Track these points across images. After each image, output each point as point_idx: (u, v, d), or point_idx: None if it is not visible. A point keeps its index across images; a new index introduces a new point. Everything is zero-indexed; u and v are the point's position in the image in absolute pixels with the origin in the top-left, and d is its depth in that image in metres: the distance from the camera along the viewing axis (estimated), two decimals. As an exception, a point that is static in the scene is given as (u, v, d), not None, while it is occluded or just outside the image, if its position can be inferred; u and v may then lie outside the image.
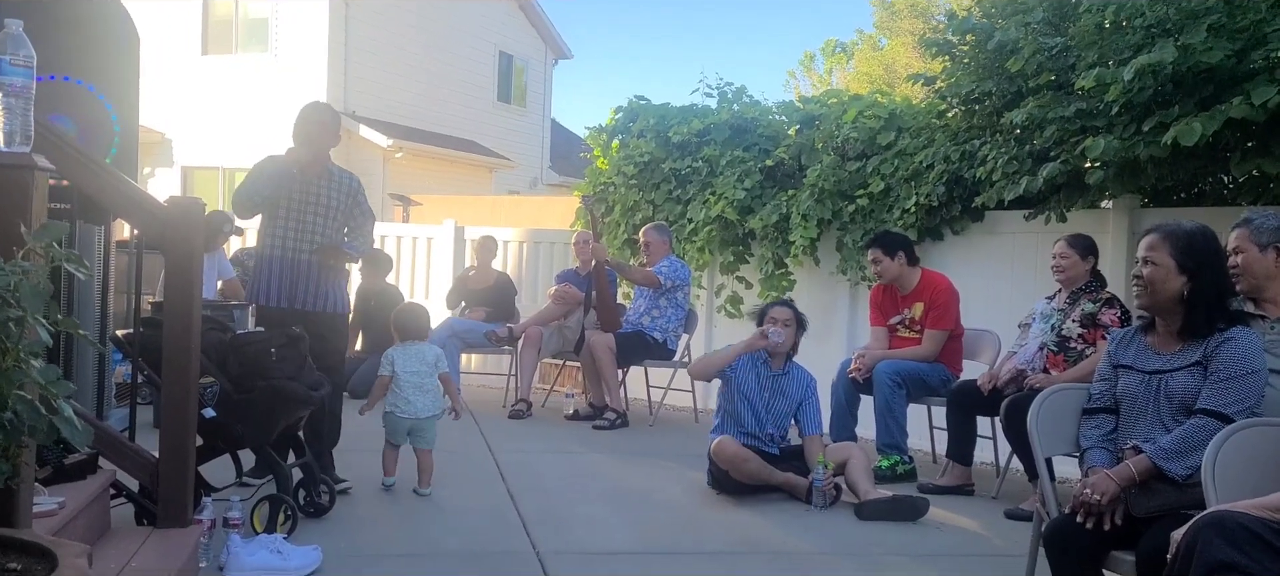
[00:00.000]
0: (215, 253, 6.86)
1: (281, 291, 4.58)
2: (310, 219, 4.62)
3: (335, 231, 4.71)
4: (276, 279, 4.59)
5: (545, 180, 21.45)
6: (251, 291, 4.71)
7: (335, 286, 4.74)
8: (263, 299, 4.61)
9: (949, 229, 6.44)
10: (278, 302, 4.58)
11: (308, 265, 4.60)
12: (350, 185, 4.78)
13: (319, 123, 4.66)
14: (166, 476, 3.33)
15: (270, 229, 4.63)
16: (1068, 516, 2.81)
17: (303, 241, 4.60)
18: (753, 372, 5.00)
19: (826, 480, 4.74)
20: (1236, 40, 4.55)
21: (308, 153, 4.61)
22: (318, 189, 4.65)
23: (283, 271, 4.59)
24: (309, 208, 4.62)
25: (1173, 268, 2.85)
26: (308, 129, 4.64)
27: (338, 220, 4.72)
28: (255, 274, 4.68)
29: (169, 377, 3.35)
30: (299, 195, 4.61)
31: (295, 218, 4.61)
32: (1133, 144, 4.75)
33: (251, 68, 16.41)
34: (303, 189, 4.61)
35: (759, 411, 4.96)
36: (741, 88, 8.20)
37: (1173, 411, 2.83)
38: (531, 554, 3.88)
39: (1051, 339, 4.81)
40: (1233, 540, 2.10)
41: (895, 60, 25.07)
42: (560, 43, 22.08)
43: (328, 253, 4.62)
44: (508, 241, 9.36)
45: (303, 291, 4.60)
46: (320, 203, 4.65)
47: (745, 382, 4.98)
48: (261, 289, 4.62)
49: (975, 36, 5.98)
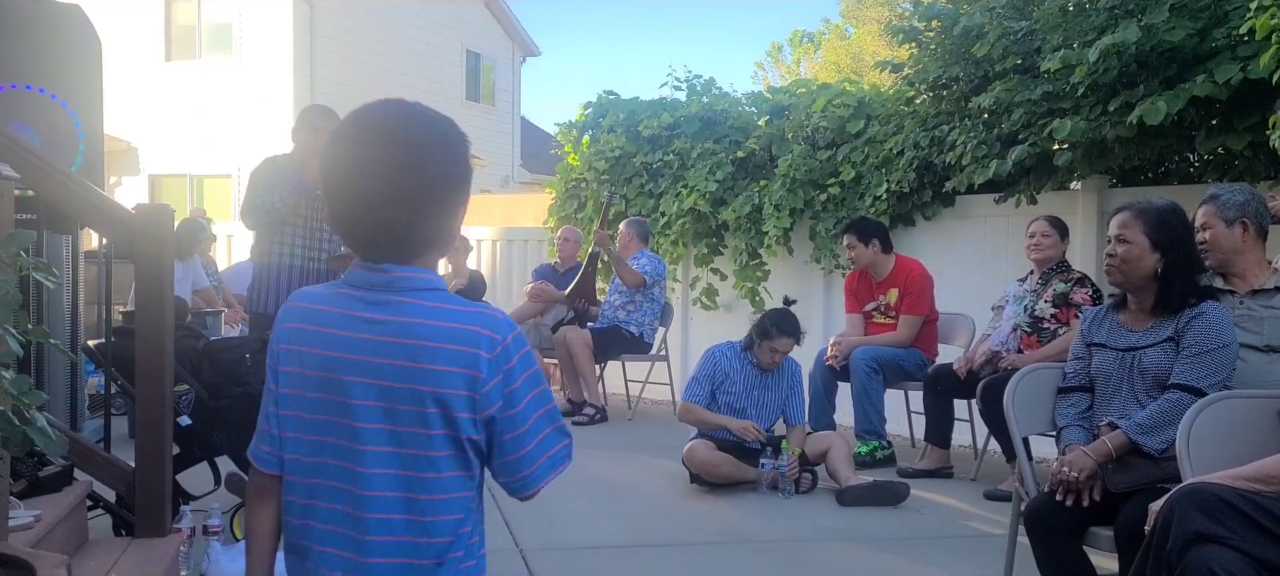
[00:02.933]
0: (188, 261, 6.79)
1: None
2: (319, 225, 4.54)
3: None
4: (288, 289, 4.50)
5: (516, 178, 21.39)
6: (256, 300, 4.58)
7: None
8: (272, 309, 4.48)
9: (921, 214, 6.48)
10: None
11: (319, 273, 4.55)
12: None
13: (324, 133, 4.51)
14: (143, 485, 3.30)
15: (279, 238, 4.54)
16: (1047, 494, 2.84)
17: (313, 250, 4.54)
18: (741, 374, 4.99)
19: (790, 466, 4.74)
20: (1198, 19, 4.61)
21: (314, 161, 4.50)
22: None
23: (294, 281, 4.51)
24: (316, 215, 4.53)
25: (1146, 245, 2.88)
26: (314, 140, 4.48)
27: None
28: (262, 283, 4.57)
29: (143, 386, 3.31)
30: (308, 204, 4.53)
31: (304, 226, 4.53)
32: (1099, 124, 4.80)
33: (216, 73, 16.24)
34: (310, 198, 4.53)
35: (747, 411, 4.95)
36: (710, 80, 8.21)
37: (1147, 387, 2.86)
38: (515, 550, 3.88)
39: (1024, 320, 4.86)
40: (1208, 511, 2.13)
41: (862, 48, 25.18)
42: (527, 40, 22.02)
43: (342, 261, 4.55)
44: (481, 240, 9.32)
45: None
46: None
47: (732, 386, 4.98)
48: (269, 298, 4.52)
49: (941, 22, 6.03)
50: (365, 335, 1.45)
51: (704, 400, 4.95)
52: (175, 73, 16.49)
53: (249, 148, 13.74)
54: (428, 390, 1.42)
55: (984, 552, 3.87)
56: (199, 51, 16.64)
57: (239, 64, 16.24)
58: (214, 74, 16.24)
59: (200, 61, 16.52)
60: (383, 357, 1.44)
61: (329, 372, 1.47)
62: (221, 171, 16.02)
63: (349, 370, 1.45)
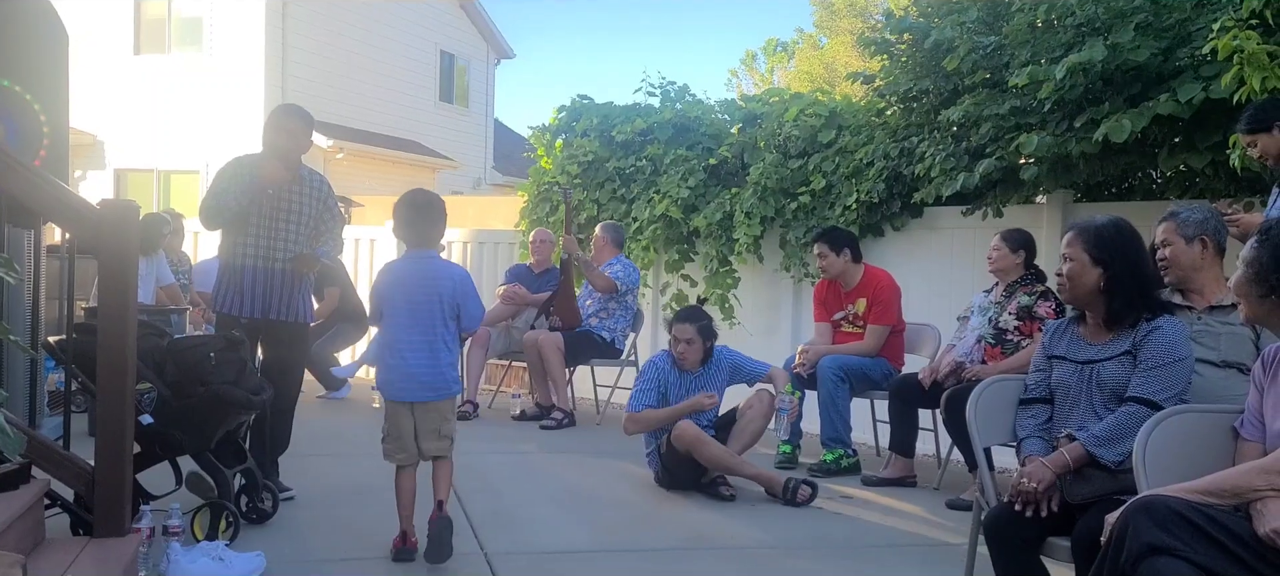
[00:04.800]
0: (152, 257, 6.71)
1: (255, 302, 4.47)
2: (283, 226, 4.50)
3: (308, 239, 4.60)
4: (248, 289, 4.47)
5: (489, 180, 21.32)
6: (220, 301, 4.54)
7: (304, 295, 4.66)
8: (233, 309, 4.46)
9: (889, 225, 6.53)
10: (251, 313, 4.46)
11: (282, 275, 4.51)
12: (321, 189, 4.67)
13: (289, 131, 4.50)
14: (102, 484, 3.26)
15: (241, 238, 4.49)
16: (1006, 504, 2.88)
17: (276, 250, 4.49)
18: (678, 378, 5.06)
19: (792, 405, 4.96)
20: (1163, 39, 4.68)
21: (280, 168, 4.46)
22: (290, 197, 4.52)
23: (256, 281, 4.47)
24: (281, 216, 4.50)
25: (1087, 261, 2.96)
26: (276, 137, 4.49)
27: (311, 227, 4.61)
28: (224, 283, 4.52)
29: (104, 384, 3.28)
30: (270, 204, 4.48)
31: (268, 227, 4.48)
32: (1065, 140, 4.87)
33: (186, 68, 16.07)
34: (274, 197, 4.48)
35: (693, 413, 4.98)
36: (684, 87, 8.25)
37: (1105, 400, 2.91)
38: (479, 555, 3.87)
39: (988, 331, 4.91)
40: (1162, 523, 2.17)
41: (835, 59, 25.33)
42: (502, 42, 21.96)
43: (304, 262, 4.54)
44: (452, 242, 9.29)
45: (277, 301, 4.50)
46: (294, 210, 4.53)
47: (675, 390, 5.04)
48: (231, 299, 4.48)
49: (912, 35, 6.09)
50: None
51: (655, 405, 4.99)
52: (144, 67, 16.29)
53: (218, 144, 13.61)
54: (438, 294, 3.77)
55: (944, 561, 3.91)
56: (168, 45, 16.45)
57: (209, 59, 16.08)
58: (183, 69, 16.07)
59: (170, 56, 16.34)
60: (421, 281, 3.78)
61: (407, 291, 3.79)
62: (190, 167, 15.85)
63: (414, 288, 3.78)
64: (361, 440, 6.28)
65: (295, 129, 4.54)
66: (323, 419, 6.95)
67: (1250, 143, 3.88)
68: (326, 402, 7.68)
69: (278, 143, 4.50)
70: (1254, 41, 3.91)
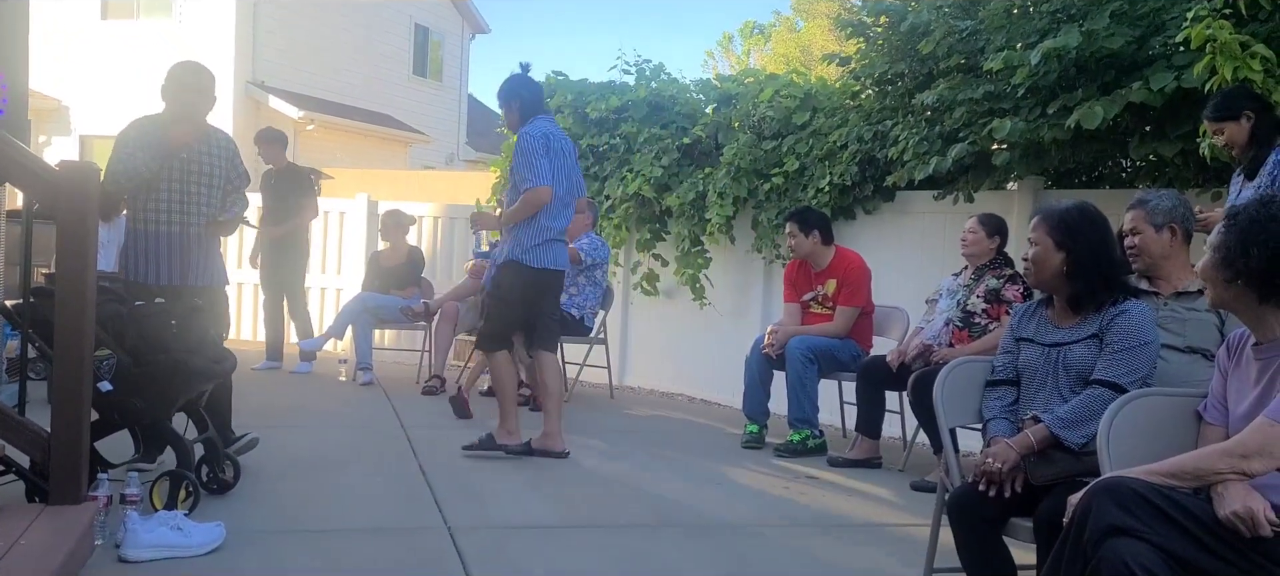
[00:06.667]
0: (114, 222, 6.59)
1: (172, 269, 4.39)
2: (195, 189, 4.43)
3: (219, 200, 4.54)
4: (165, 256, 4.38)
5: (462, 156, 21.18)
6: (134, 269, 4.41)
7: (218, 258, 4.61)
8: (150, 278, 4.36)
9: (862, 207, 6.54)
10: (169, 280, 4.37)
11: (197, 239, 4.43)
12: (227, 147, 4.59)
13: (197, 90, 4.42)
14: (59, 451, 3.21)
15: (153, 203, 4.38)
16: (970, 485, 2.88)
17: (190, 215, 4.41)
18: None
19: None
20: (1137, 27, 4.70)
21: (190, 129, 4.37)
22: (200, 159, 4.44)
23: (171, 248, 4.39)
24: (192, 179, 4.42)
25: (1051, 245, 2.97)
26: (185, 97, 4.39)
27: (222, 188, 4.54)
28: (136, 251, 4.40)
29: (62, 350, 3.22)
30: (180, 167, 4.39)
31: (179, 191, 4.40)
32: (1037, 126, 4.88)
33: (154, 34, 15.80)
34: (183, 161, 4.39)
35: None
36: (659, 65, 8.20)
37: (1071, 382, 2.92)
38: (443, 529, 3.84)
39: (957, 314, 4.93)
40: (1124, 504, 2.17)
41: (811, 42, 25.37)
42: (477, 16, 21.78)
43: (220, 227, 4.47)
44: (423, 216, 9.22)
45: (194, 267, 4.43)
46: (205, 172, 4.45)
47: None
48: (147, 267, 4.38)
49: (889, 18, 6.08)
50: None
51: None
52: (111, 32, 16.03)
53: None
54: None
55: (908, 542, 3.92)
56: (137, 11, 16.18)
57: (178, 26, 15.82)
58: (152, 35, 15.79)
59: (138, 21, 16.07)
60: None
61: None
62: (157, 135, 15.60)
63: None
64: (324, 413, 6.24)
65: (202, 86, 4.46)
66: (286, 391, 6.88)
67: (1217, 130, 3.91)
68: (291, 376, 7.60)
69: (186, 101, 4.40)
70: (1226, 31, 3.93)
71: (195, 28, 15.70)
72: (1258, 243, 2.30)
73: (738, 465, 5.22)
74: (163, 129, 4.37)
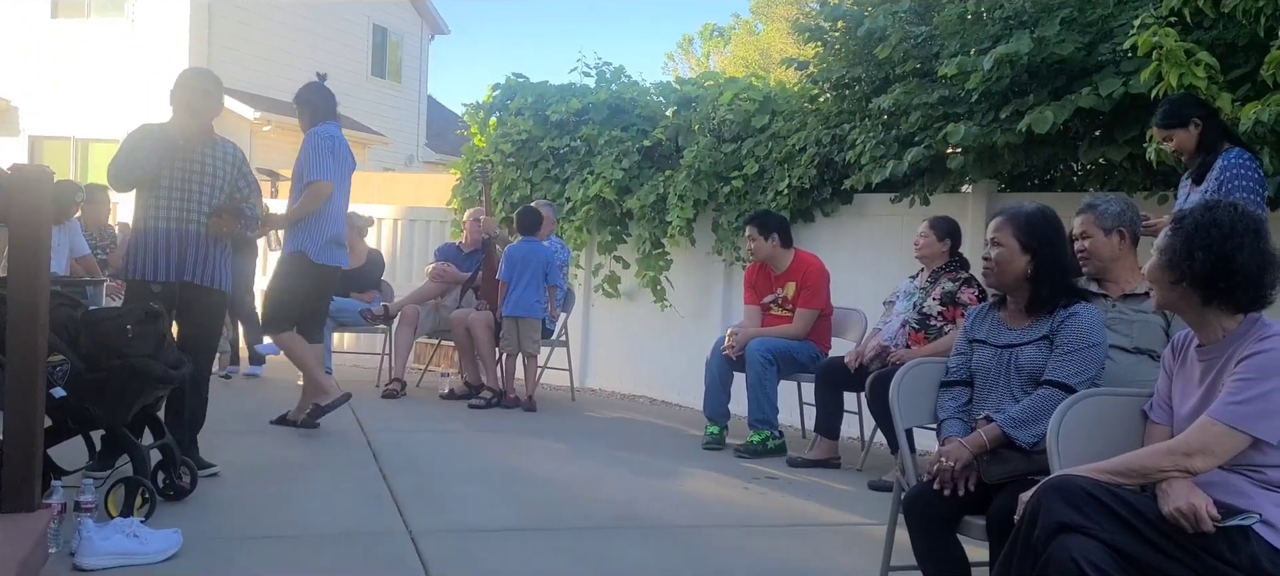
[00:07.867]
0: (66, 225, 6.49)
1: (170, 265, 4.35)
2: (196, 187, 4.39)
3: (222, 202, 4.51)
4: (164, 252, 4.33)
5: (421, 158, 21.04)
6: (132, 266, 4.37)
7: (223, 260, 4.53)
8: (149, 274, 4.31)
9: (820, 210, 6.61)
10: (166, 277, 4.33)
11: (197, 236, 4.39)
12: (234, 156, 4.56)
13: (201, 92, 4.42)
14: (11, 459, 3.16)
15: (153, 200, 4.36)
16: (925, 484, 2.93)
17: (189, 211, 4.38)
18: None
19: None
20: (1086, 34, 4.81)
21: (192, 123, 4.38)
22: (202, 158, 4.41)
23: (170, 243, 4.34)
24: (194, 177, 4.38)
25: (1017, 248, 3.02)
26: (189, 98, 4.40)
27: (223, 190, 4.49)
28: (136, 248, 4.37)
29: (13, 356, 3.17)
30: (182, 165, 4.36)
31: (180, 188, 4.36)
32: (991, 131, 4.97)
33: (106, 34, 15.57)
34: (186, 159, 4.37)
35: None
36: (620, 68, 8.23)
37: (1022, 383, 2.98)
38: (404, 532, 3.83)
39: (913, 317, 5.00)
40: (1073, 502, 2.23)
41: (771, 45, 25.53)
42: (437, 17, 21.67)
43: (223, 218, 4.42)
44: (382, 219, 9.17)
45: (192, 263, 4.39)
46: (206, 172, 4.42)
47: None
48: (145, 264, 4.33)
49: (846, 23, 6.15)
50: None
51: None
52: (62, 31, 15.75)
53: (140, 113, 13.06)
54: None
55: (866, 540, 3.98)
56: (88, 10, 15.91)
57: (131, 26, 15.59)
58: (104, 35, 15.56)
59: (89, 21, 15.82)
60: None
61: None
62: (109, 137, 15.30)
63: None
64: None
65: (207, 88, 4.47)
66: (241, 395, 6.81)
67: (1166, 137, 4.00)
68: (245, 379, 7.53)
69: (189, 100, 4.40)
70: (1172, 38, 4.03)
71: (149, 28, 15.48)
72: (1202, 247, 2.36)
73: (699, 466, 5.25)
74: (167, 127, 4.39)
